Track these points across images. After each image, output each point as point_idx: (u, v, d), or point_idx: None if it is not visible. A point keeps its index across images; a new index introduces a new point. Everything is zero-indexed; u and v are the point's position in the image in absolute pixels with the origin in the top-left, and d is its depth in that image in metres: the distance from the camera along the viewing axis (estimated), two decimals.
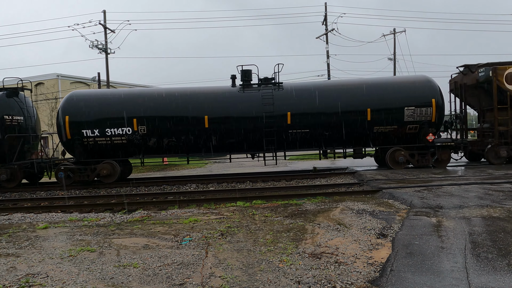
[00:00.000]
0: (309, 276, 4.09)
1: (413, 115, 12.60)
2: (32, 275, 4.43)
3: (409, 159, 12.81)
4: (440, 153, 12.88)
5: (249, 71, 13.43)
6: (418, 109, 12.57)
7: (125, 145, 12.76)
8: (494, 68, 12.92)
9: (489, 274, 3.84)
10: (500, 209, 6.65)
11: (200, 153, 13.24)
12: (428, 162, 12.84)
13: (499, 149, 13.00)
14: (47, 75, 30.49)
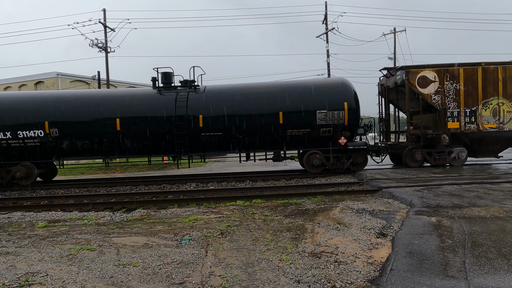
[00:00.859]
0: (308, 275, 4.09)
1: (325, 118, 12.50)
2: (32, 273, 4.43)
3: (325, 162, 12.74)
4: (355, 156, 12.78)
5: (169, 73, 13.39)
6: (330, 113, 12.48)
7: (39, 148, 12.72)
8: (406, 72, 12.85)
9: (489, 274, 3.84)
10: (500, 209, 6.65)
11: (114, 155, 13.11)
12: (343, 165, 12.74)
13: (414, 152, 12.93)
14: (47, 74, 30.46)
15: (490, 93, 12.70)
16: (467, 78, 12.69)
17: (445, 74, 12.70)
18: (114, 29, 25.83)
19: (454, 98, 12.73)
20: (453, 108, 12.75)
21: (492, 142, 13.11)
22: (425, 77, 12.72)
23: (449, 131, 12.80)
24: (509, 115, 12.67)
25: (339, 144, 12.48)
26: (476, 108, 12.70)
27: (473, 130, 12.78)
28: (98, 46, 25.18)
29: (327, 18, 26.77)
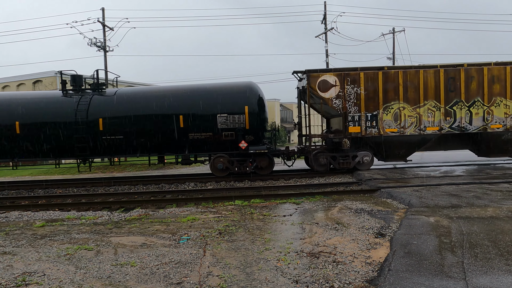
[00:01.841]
0: (307, 275, 4.08)
1: (226, 122, 12.44)
2: (29, 273, 4.41)
3: (229, 166, 12.68)
4: (259, 160, 12.70)
5: (78, 76, 13.34)
6: (231, 117, 12.43)
7: None
8: (308, 76, 12.72)
9: (487, 274, 3.83)
10: (498, 209, 6.65)
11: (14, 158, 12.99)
12: (246, 169, 12.67)
13: (318, 156, 12.84)
14: (45, 73, 30.34)
15: (391, 98, 12.51)
16: (368, 83, 12.50)
17: (346, 78, 12.50)
18: (113, 28, 25.77)
19: (355, 102, 12.56)
20: (354, 112, 12.58)
21: (395, 146, 12.91)
22: (325, 81, 12.55)
23: (350, 135, 12.62)
24: (410, 120, 12.49)
25: (240, 148, 12.40)
26: (377, 113, 12.54)
27: (374, 134, 12.61)
28: (97, 45, 25.11)
29: (326, 18, 26.78)
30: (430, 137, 12.79)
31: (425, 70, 12.56)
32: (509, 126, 12.60)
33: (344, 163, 12.73)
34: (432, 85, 12.54)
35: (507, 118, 12.59)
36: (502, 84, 12.52)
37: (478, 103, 12.57)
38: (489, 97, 12.54)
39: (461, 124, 12.58)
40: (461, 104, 12.55)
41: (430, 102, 12.54)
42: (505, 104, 12.55)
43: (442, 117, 12.56)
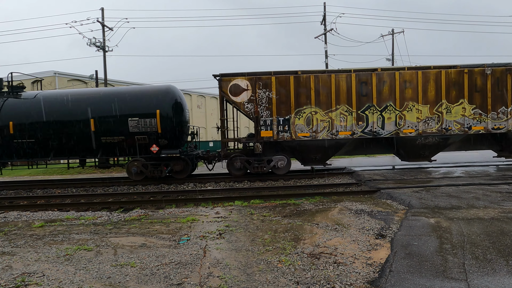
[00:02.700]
0: (308, 276, 4.07)
1: (138, 126, 12.25)
2: (28, 274, 4.38)
3: (143, 170, 12.58)
4: (173, 163, 12.61)
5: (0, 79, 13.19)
6: (143, 120, 12.25)
7: None
8: (219, 80, 12.60)
9: (489, 276, 3.83)
10: (498, 210, 6.66)
11: None
12: (161, 173, 12.57)
13: (233, 160, 12.73)
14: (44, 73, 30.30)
15: (303, 102, 12.39)
16: (280, 87, 12.37)
17: (258, 82, 12.37)
18: (112, 28, 25.75)
19: (267, 106, 12.41)
20: (266, 117, 12.42)
21: (310, 150, 12.78)
22: (237, 86, 12.43)
23: (262, 140, 12.46)
24: (323, 124, 12.39)
25: (152, 152, 12.32)
26: (289, 117, 12.40)
27: (286, 139, 12.44)
28: (96, 45, 25.08)
29: (325, 19, 26.81)
30: (343, 142, 12.65)
31: (337, 74, 12.42)
32: (421, 131, 12.45)
33: (258, 168, 12.57)
34: (344, 90, 12.41)
35: (419, 122, 12.45)
36: (414, 88, 12.41)
37: (390, 107, 12.47)
38: (401, 101, 12.44)
39: (373, 128, 12.46)
40: (373, 109, 12.44)
41: (342, 106, 12.42)
42: (417, 109, 12.44)
43: (354, 121, 12.44)
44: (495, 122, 12.61)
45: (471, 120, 12.55)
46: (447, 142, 12.83)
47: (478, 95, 12.53)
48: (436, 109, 12.49)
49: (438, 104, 12.50)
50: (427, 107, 12.51)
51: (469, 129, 12.55)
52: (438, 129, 12.51)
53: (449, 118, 12.52)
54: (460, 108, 12.51)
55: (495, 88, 12.54)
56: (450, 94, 12.50)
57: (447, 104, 12.50)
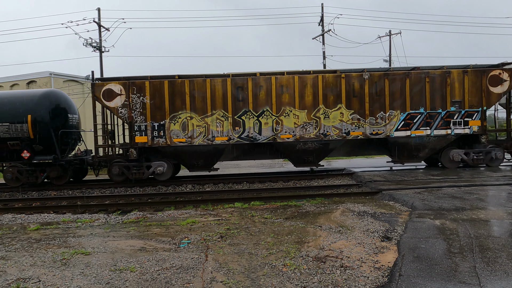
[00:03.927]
0: (314, 281, 3.93)
1: (9, 131, 11.91)
2: (23, 279, 4.21)
3: (18, 176, 12.25)
4: (49, 170, 12.30)
5: None
6: (13, 126, 11.89)
7: None
8: (92, 85, 12.32)
9: (502, 280, 3.71)
10: (504, 212, 6.56)
11: None
12: (37, 179, 12.22)
13: (112, 166, 12.39)
14: (40, 73, 29.98)
15: (178, 107, 12.12)
16: (154, 92, 12.08)
17: (132, 87, 12.07)
18: (108, 28, 25.53)
19: (141, 111, 12.11)
20: (141, 122, 12.12)
21: (189, 156, 12.49)
22: (111, 90, 12.08)
23: (137, 145, 12.17)
24: (199, 129, 12.14)
25: (23, 157, 12.05)
26: (164, 122, 12.11)
27: (162, 144, 12.14)
28: (92, 45, 24.86)
29: (323, 19, 26.75)
30: (221, 147, 12.36)
31: (213, 79, 12.15)
32: (299, 136, 12.20)
33: (137, 174, 12.25)
34: (220, 95, 12.15)
35: (297, 128, 12.20)
36: (291, 93, 12.17)
37: (267, 112, 12.20)
38: (278, 106, 12.18)
39: (250, 134, 12.18)
40: (250, 114, 12.18)
41: (218, 111, 12.15)
42: (295, 114, 12.19)
43: (231, 127, 12.17)
44: (374, 127, 12.35)
45: (350, 125, 12.30)
46: (328, 148, 12.57)
47: (356, 100, 12.32)
48: (314, 114, 12.24)
49: (316, 109, 12.23)
50: (305, 112, 12.24)
51: (348, 135, 12.29)
52: (316, 135, 12.25)
53: (327, 123, 12.26)
54: (338, 113, 12.26)
55: (373, 93, 12.33)
56: (328, 99, 12.25)
57: (325, 109, 12.24)
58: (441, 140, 12.63)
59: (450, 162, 12.86)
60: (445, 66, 12.79)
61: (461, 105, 12.48)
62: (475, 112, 12.52)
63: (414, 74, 12.47)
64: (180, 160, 12.82)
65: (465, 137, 12.95)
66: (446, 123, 12.46)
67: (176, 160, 12.83)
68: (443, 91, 12.46)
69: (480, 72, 12.54)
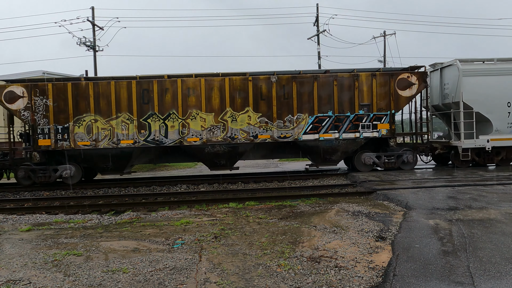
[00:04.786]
0: (309, 281, 3.91)
1: None
2: (14, 281, 4.14)
3: None
4: None
5: None
6: None
7: None
8: None
9: (496, 279, 3.72)
10: (496, 211, 6.60)
11: None
12: None
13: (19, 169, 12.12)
14: (32, 72, 29.63)
15: (83, 110, 11.88)
16: (58, 94, 11.82)
17: (34, 89, 11.79)
18: (103, 27, 25.36)
19: (45, 114, 11.84)
20: (44, 125, 11.85)
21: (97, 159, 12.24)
22: (12, 92, 11.80)
23: (40, 148, 11.92)
24: (104, 132, 11.93)
25: None
26: (68, 125, 11.87)
27: (66, 148, 11.92)
28: (86, 44, 24.67)
29: (318, 20, 26.81)
30: (128, 150, 12.08)
31: (117, 81, 11.95)
32: (206, 139, 12.05)
33: (43, 177, 12.01)
34: (125, 97, 11.93)
35: (204, 131, 12.05)
36: (198, 96, 12.01)
37: (173, 115, 12.04)
38: (184, 109, 12.01)
39: (156, 137, 11.99)
40: (156, 117, 11.99)
41: (123, 114, 11.94)
42: (202, 117, 12.04)
43: (136, 130, 11.95)
44: (282, 130, 12.18)
45: (257, 128, 12.10)
46: (238, 151, 12.37)
47: (264, 103, 12.13)
48: (221, 117, 12.09)
49: (223, 112, 12.08)
50: (212, 115, 12.09)
51: (255, 138, 12.10)
52: (223, 138, 12.09)
53: (234, 127, 12.10)
54: (245, 116, 12.10)
55: (281, 96, 12.17)
56: (235, 102, 12.09)
57: (232, 112, 12.09)
58: (351, 144, 12.52)
59: (363, 165, 12.80)
60: (355, 69, 12.58)
61: (370, 108, 12.36)
62: (383, 116, 12.40)
63: (322, 77, 12.30)
64: (88, 163, 12.51)
65: (380, 140, 12.83)
66: (355, 127, 12.34)
67: (84, 163, 12.51)
68: (352, 94, 12.31)
69: (389, 75, 12.41)
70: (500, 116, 12.69)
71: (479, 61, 13.11)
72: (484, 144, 12.63)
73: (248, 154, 13.00)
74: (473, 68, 12.74)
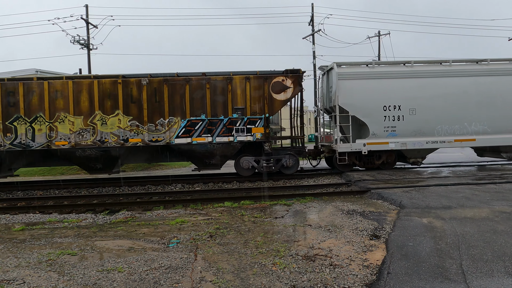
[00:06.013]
0: (304, 280, 3.94)
1: None
2: (7, 281, 4.11)
3: None
4: None
5: None
6: None
7: None
8: None
9: (488, 277, 3.77)
10: (488, 210, 6.68)
11: None
12: None
13: None
14: (25, 71, 29.37)
15: None
16: None
17: None
18: (97, 26, 25.17)
19: None
20: None
21: None
22: None
23: None
24: None
25: None
26: None
27: None
28: (80, 43, 24.46)
29: (313, 19, 26.84)
30: None
31: None
32: (74, 143, 11.79)
33: None
34: None
35: (72, 134, 11.79)
36: (66, 99, 11.72)
37: (40, 118, 11.72)
38: (52, 112, 11.70)
39: (22, 140, 11.70)
40: (22, 120, 11.68)
41: None
42: (70, 120, 11.75)
43: (1, 133, 11.66)
44: (153, 134, 11.96)
45: (128, 132, 11.89)
46: (111, 154, 12.11)
47: (134, 106, 11.92)
48: (91, 121, 11.83)
49: (93, 115, 11.83)
50: (81, 118, 11.82)
51: (126, 141, 11.87)
52: (93, 141, 11.86)
53: (105, 130, 11.87)
54: (116, 120, 11.88)
55: (152, 99, 11.94)
56: (105, 104, 11.84)
57: (102, 115, 11.85)
58: (227, 148, 12.22)
59: (242, 169, 12.69)
60: (232, 72, 12.28)
61: (244, 112, 12.14)
62: (258, 119, 12.17)
63: (195, 80, 12.07)
64: None
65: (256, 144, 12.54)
66: (228, 130, 12.10)
67: None
68: (225, 97, 12.09)
69: (263, 78, 12.18)
70: (376, 120, 12.68)
71: (363, 64, 13.08)
72: (360, 148, 12.65)
73: (128, 158, 12.69)
74: (349, 71, 12.73)
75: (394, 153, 13.22)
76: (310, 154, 13.60)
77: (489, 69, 13.02)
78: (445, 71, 12.94)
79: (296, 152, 13.02)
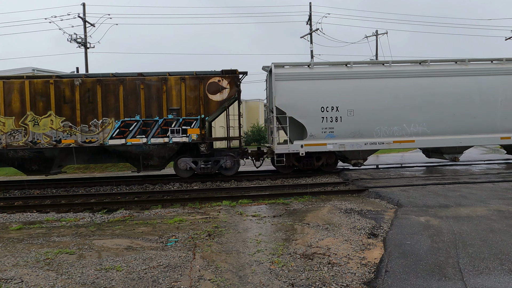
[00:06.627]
0: (302, 278, 3.95)
1: None
2: (5, 280, 4.10)
3: None
4: None
5: None
6: None
7: None
8: None
9: (484, 275, 3.80)
10: (485, 208, 6.72)
11: None
12: None
13: None
14: (22, 69, 29.23)
15: None
16: None
17: None
18: (94, 24, 25.08)
19: None
20: None
21: None
22: None
23: None
24: None
25: None
26: None
27: None
28: (77, 41, 24.38)
29: (311, 18, 26.87)
30: None
31: None
32: (6, 144, 11.53)
33: None
34: None
35: (3, 135, 11.54)
36: None
37: None
38: None
39: None
40: None
41: None
42: (1, 121, 11.52)
43: None
44: (87, 135, 11.76)
45: (61, 133, 11.70)
46: (44, 156, 11.92)
47: (67, 106, 11.70)
48: (23, 121, 11.58)
49: (24, 116, 11.58)
50: (12, 119, 11.58)
51: (59, 142, 11.67)
52: (25, 143, 11.60)
53: (37, 131, 11.64)
54: (48, 120, 11.66)
55: (85, 99, 11.73)
56: (37, 105, 11.61)
57: (34, 116, 11.61)
58: (163, 149, 12.07)
59: (180, 170, 12.61)
60: (168, 72, 12.05)
61: (179, 113, 11.95)
62: (193, 120, 12.00)
63: (128, 80, 11.86)
64: None
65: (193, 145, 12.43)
66: (164, 131, 11.89)
67: None
68: (160, 98, 11.87)
69: (199, 79, 11.99)
70: (313, 121, 12.51)
71: (305, 65, 12.86)
72: (298, 150, 12.49)
73: (66, 159, 12.52)
74: (286, 72, 12.56)
75: (334, 155, 13.15)
76: (253, 155, 13.51)
77: (429, 70, 12.83)
78: (383, 72, 12.75)
79: (238, 153, 12.89)
